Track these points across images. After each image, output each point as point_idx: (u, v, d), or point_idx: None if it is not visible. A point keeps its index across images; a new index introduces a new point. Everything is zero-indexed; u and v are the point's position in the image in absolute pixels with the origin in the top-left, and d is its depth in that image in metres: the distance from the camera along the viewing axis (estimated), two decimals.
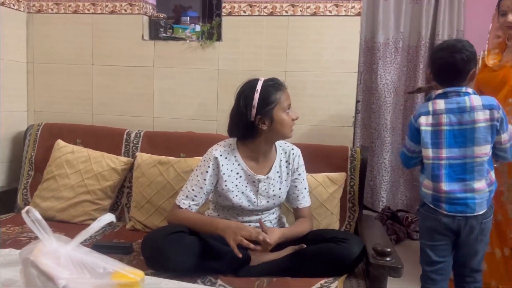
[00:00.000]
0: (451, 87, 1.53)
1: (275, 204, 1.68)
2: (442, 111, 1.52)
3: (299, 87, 2.12)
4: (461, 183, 1.51)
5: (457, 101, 1.51)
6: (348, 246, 1.50)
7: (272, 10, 2.10)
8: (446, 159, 1.51)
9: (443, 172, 1.52)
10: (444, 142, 1.52)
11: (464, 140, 1.50)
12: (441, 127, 1.52)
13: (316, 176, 1.90)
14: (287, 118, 1.57)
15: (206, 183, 1.59)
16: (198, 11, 3.84)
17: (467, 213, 1.51)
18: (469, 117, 1.49)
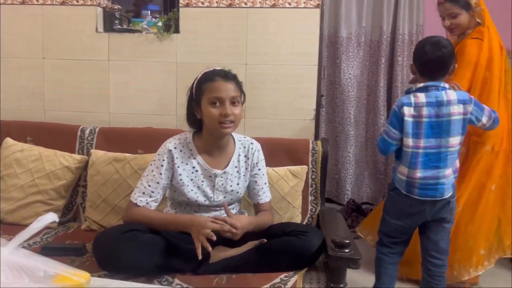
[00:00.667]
0: (432, 82, 1.64)
1: (233, 200, 1.64)
2: (423, 104, 1.63)
3: (260, 80, 2.09)
4: (435, 170, 1.63)
5: (436, 95, 1.62)
6: (308, 239, 1.49)
7: (231, 2, 2.06)
8: (423, 148, 1.63)
9: (419, 160, 1.63)
10: (423, 132, 1.63)
11: (440, 131, 1.62)
12: (422, 119, 1.63)
13: (277, 169, 1.87)
14: (212, 111, 1.47)
15: (162, 177, 1.53)
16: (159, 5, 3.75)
17: (436, 197, 1.64)
18: (446, 110, 1.61)
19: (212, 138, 1.56)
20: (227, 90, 1.48)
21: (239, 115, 1.51)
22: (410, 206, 1.68)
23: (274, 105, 2.12)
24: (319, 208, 1.95)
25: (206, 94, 1.49)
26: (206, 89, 1.49)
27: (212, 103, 1.48)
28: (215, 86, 1.48)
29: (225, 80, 1.49)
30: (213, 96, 1.47)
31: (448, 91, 1.63)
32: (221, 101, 1.47)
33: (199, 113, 1.53)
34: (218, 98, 1.47)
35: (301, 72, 2.08)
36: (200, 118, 1.54)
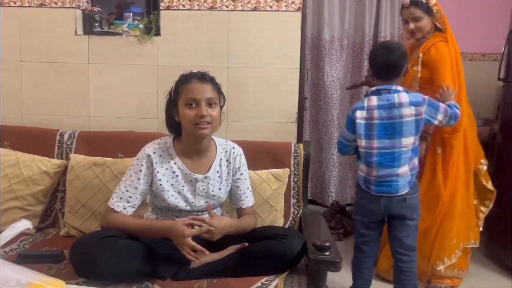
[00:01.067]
0: (383, 86, 1.71)
1: (215, 205, 1.63)
2: (374, 107, 1.70)
3: (242, 83, 2.09)
4: (390, 169, 1.70)
5: (387, 98, 1.69)
6: (289, 242, 1.49)
7: (212, 5, 2.05)
8: (377, 148, 1.70)
9: (374, 159, 1.70)
10: (375, 134, 1.70)
11: (393, 132, 1.68)
12: (373, 121, 1.70)
13: (259, 173, 1.87)
14: (188, 112, 1.46)
15: (140, 183, 1.51)
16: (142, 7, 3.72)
17: (391, 194, 1.71)
18: (398, 112, 1.67)
19: (191, 142, 1.55)
20: (203, 91, 1.47)
21: (216, 117, 1.50)
22: (369, 201, 1.75)
23: (256, 107, 2.11)
24: (301, 210, 1.95)
25: (183, 95, 1.48)
26: (183, 91, 1.48)
27: (188, 104, 1.47)
28: (191, 88, 1.47)
29: (201, 82, 1.49)
30: (189, 97, 1.46)
31: (401, 93, 1.69)
32: (197, 102, 1.46)
33: (177, 116, 1.52)
34: (193, 99, 1.46)
35: (283, 75, 2.08)
36: (179, 121, 1.52)
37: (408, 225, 1.75)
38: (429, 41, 2.12)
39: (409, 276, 1.76)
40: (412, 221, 1.76)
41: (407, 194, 1.72)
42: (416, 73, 2.12)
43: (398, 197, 1.71)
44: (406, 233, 1.76)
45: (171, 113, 1.56)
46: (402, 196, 1.71)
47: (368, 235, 1.81)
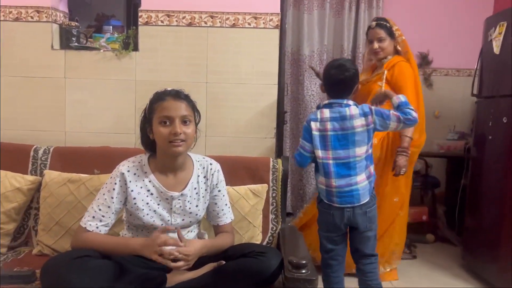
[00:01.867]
0: (335, 99, 1.77)
1: (192, 222, 1.61)
2: (327, 119, 1.75)
3: (221, 98, 2.09)
4: (347, 178, 1.73)
5: (339, 111, 1.75)
6: (266, 259, 1.48)
7: (191, 21, 2.06)
8: (333, 159, 1.74)
9: (332, 170, 1.73)
10: (330, 144, 1.74)
11: (347, 143, 1.73)
12: (327, 132, 1.75)
13: (238, 188, 1.87)
14: (162, 130, 1.45)
15: (113, 202, 1.49)
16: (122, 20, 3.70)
17: (354, 204, 1.73)
18: (349, 124, 1.73)
19: (166, 159, 1.53)
20: (177, 109, 1.47)
21: (190, 134, 1.49)
22: (333, 216, 1.76)
23: (235, 123, 2.12)
24: (279, 226, 1.95)
25: (157, 113, 1.47)
26: (157, 109, 1.47)
27: (162, 122, 1.46)
28: (165, 105, 1.46)
29: (175, 99, 1.48)
30: (163, 115, 1.46)
31: (352, 107, 1.75)
32: (171, 120, 1.46)
33: (152, 134, 1.51)
34: (167, 117, 1.45)
35: (261, 91, 2.10)
36: (153, 139, 1.51)
37: (368, 236, 1.80)
38: (392, 60, 2.31)
39: (372, 276, 1.81)
40: (372, 231, 1.81)
41: (368, 206, 1.76)
42: (379, 88, 2.25)
43: (360, 209, 1.74)
44: (366, 244, 1.80)
45: (146, 131, 1.54)
46: (363, 209, 1.75)
47: (335, 249, 1.81)
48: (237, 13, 2.05)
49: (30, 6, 2.07)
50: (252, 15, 2.05)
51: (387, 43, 2.30)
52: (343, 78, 1.74)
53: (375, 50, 2.31)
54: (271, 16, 2.05)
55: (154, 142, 1.52)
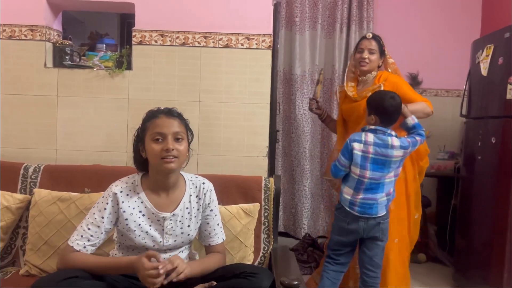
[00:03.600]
0: (381, 127, 1.97)
1: (184, 243, 1.59)
2: (371, 143, 1.95)
3: (213, 117, 2.11)
4: (373, 194, 1.95)
5: (382, 138, 1.95)
6: (257, 280, 1.46)
7: (184, 41, 2.08)
8: (368, 178, 1.94)
9: (364, 186, 1.95)
10: (369, 165, 1.94)
11: (383, 167, 1.94)
12: (369, 155, 1.94)
13: (229, 208, 1.86)
14: (154, 147, 1.45)
15: (104, 222, 1.47)
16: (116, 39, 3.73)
17: (372, 215, 1.95)
18: (390, 153, 1.93)
19: (159, 178, 1.53)
20: (169, 126, 1.47)
21: (183, 151, 1.49)
22: (348, 224, 1.97)
23: (227, 142, 2.13)
24: (271, 246, 1.94)
25: (149, 131, 1.48)
26: (150, 126, 1.48)
27: (155, 139, 1.46)
28: (158, 122, 1.47)
29: (168, 117, 1.49)
30: (156, 131, 1.46)
31: (393, 137, 1.96)
32: (164, 136, 1.46)
33: (144, 152, 1.51)
34: (160, 133, 1.46)
35: (253, 110, 2.12)
36: (146, 158, 1.51)
37: (378, 245, 2.00)
38: (382, 74, 2.29)
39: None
40: (382, 242, 2.01)
41: (382, 218, 1.98)
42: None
43: (374, 220, 1.96)
44: (376, 252, 2.00)
45: (139, 150, 1.54)
46: (377, 220, 1.96)
47: (342, 250, 2.03)
48: (230, 33, 2.08)
49: (24, 25, 2.08)
50: (245, 36, 2.08)
51: (375, 57, 2.26)
52: (394, 109, 1.96)
53: (363, 59, 2.24)
54: (263, 37, 2.09)
55: (146, 161, 1.52)
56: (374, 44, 2.26)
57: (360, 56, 2.26)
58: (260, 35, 2.09)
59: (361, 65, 2.25)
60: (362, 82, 2.32)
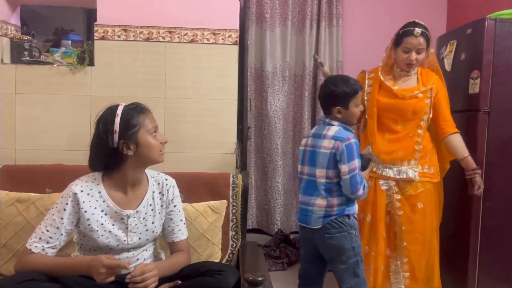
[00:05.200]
0: (323, 117, 1.80)
1: (149, 240, 1.56)
2: (310, 134, 1.81)
3: (180, 114, 2.07)
4: (308, 196, 1.76)
5: (320, 128, 1.79)
6: (223, 278, 1.45)
7: (148, 36, 2.04)
8: (306, 174, 1.78)
9: (302, 184, 1.80)
10: (307, 160, 1.78)
11: (314, 161, 1.75)
12: (307, 148, 1.80)
13: (196, 205, 1.83)
14: (154, 141, 1.49)
15: (63, 223, 1.43)
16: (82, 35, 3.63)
17: (306, 224, 1.75)
18: (320, 142, 1.75)
19: (134, 173, 1.50)
20: (155, 120, 1.53)
21: None
22: (300, 231, 1.84)
23: (194, 139, 2.10)
24: (239, 243, 1.92)
25: (145, 126, 1.46)
26: (143, 122, 1.46)
27: (153, 133, 1.49)
28: (150, 118, 1.50)
29: (149, 111, 1.53)
30: (153, 126, 1.49)
31: (332, 127, 1.74)
32: (157, 131, 1.52)
33: (132, 148, 1.44)
34: (156, 127, 1.51)
35: (221, 106, 2.09)
36: (128, 153, 1.45)
37: (340, 268, 1.71)
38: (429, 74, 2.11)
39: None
40: (343, 264, 1.70)
41: (324, 230, 1.70)
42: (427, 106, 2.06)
43: (315, 232, 1.72)
44: (341, 278, 1.72)
45: (103, 147, 1.47)
46: (319, 231, 1.71)
47: (303, 265, 1.85)
48: (195, 28, 2.05)
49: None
50: (211, 31, 2.06)
51: (423, 56, 2.03)
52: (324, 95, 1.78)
53: (411, 61, 2.00)
54: (229, 32, 2.07)
55: (115, 159, 1.46)
56: (423, 42, 1.99)
57: (408, 57, 2.00)
58: (226, 30, 2.06)
59: (409, 66, 2.04)
60: (401, 77, 2.09)
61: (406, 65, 2.04)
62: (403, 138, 2.07)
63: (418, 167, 2.05)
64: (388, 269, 2.10)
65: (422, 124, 2.07)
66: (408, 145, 2.06)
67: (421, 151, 2.06)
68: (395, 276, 2.09)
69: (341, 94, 1.73)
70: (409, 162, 2.05)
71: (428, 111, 2.06)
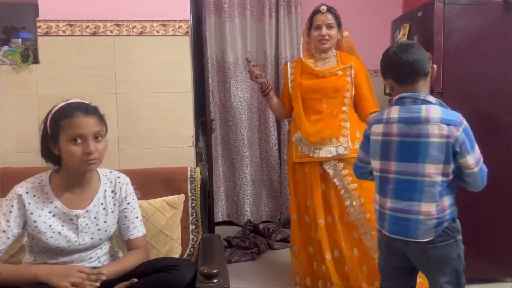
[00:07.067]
0: (410, 93, 1.38)
1: (102, 240, 1.53)
2: (395, 120, 1.38)
3: (133, 109, 2.02)
4: (407, 202, 1.36)
5: (411, 109, 1.36)
6: (178, 273, 1.44)
7: (95, 30, 1.97)
8: (394, 172, 1.37)
9: (390, 186, 1.39)
10: (394, 153, 1.37)
11: (416, 154, 1.33)
12: (392, 137, 1.38)
13: (152, 202, 1.80)
14: (74, 149, 1.37)
15: (10, 226, 1.38)
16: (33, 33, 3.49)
17: (407, 237, 1.36)
18: (423, 129, 1.33)
19: (73, 176, 1.46)
20: (89, 125, 1.39)
21: (102, 150, 1.44)
22: (382, 242, 1.45)
23: (150, 134, 2.05)
24: (200, 236, 1.90)
25: (66, 131, 1.38)
26: (66, 126, 1.38)
27: (73, 140, 1.38)
28: (76, 122, 1.38)
29: (86, 115, 1.40)
30: (75, 133, 1.37)
31: (431, 105, 1.35)
32: (84, 138, 1.38)
33: (57, 150, 1.42)
34: (80, 135, 1.38)
35: (175, 99, 2.05)
36: (59, 155, 1.42)
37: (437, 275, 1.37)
38: (347, 56, 2.17)
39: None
40: (446, 276, 1.36)
41: (431, 242, 1.34)
42: (348, 83, 2.11)
43: (419, 244, 1.34)
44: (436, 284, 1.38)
45: (48, 146, 1.44)
46: (423, 244, 1.34)
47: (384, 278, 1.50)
48: (144, 20, 1.99)
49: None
50: (160, 23, 2.01)
51: (335, 32, 2.10)
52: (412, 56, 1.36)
53: (323, 37, 2.07)
54: (180, 23, 2.02)
55: (58, 156, 1.43)
56: (330, 18, 2.08)
57: (319, 34, 2.08)
58: (176, 21, 2.02)
59: (322, 43, 2.09)
60: (321, 59, 2.17)
61: (320, 42, 2.10)
62: (328, 117, 2.11)
63: (348, 143, 2.07)
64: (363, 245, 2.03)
65: (345, 102, 2.12)
66: (333, 123, 2.10)
67: (350, 128, 2.09)
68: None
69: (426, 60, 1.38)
70: (338, 139, 2.07)
71: (350, 88, 2.13)
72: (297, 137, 2.14)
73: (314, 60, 2.19)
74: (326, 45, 2.12)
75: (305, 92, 2.15)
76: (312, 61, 2.18)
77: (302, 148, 2.12)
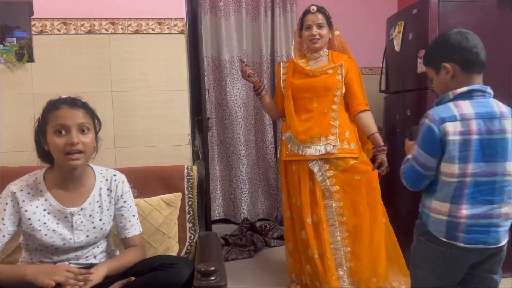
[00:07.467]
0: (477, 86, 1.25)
1: (98, 238, 1.52)
2: (471, 116, 1.22)
3: (129, 107, 2.02)
4: (487, 206, 1.23)
5: (484, 104, 1.24)
6: (175, 271, 1.44)
7: (90, 29, 1.96)
8: (471, 175, 1.23)
9: (465, 191, 1.23)
10: (473, 154, 1.22)
11: (495, 154, 1.22)
12: (472, 136, 1.22)
13: (149, 200, 1.80)
14: (57, 141, 1.36)
15: (4, 224, 1.38)
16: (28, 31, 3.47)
17: (487, 244, 1.24)
18: (502, 125, 1.22)
19: (64, 172, 1.45)
20: (73, 117, 1.38)
21: (89, 144, 1.41)
22: (449, 257, 1.26)
23: (146, 132, 2.05)
24: (197, 234, 1.90)
25: (51, 122, 1.38)
26: (51, 117, 1.39)
27: (57, 131, 1.37)
28: (60, 114, 1.38)
29: (71, 107, 1.40)
30: (58, 123, 1.37)
31: (495, 100, 1.26)
32: (67, 129, 1.37)
33: (46, 145, 1.42)
34: (63, 125, 1.37)
35: (171, 97, 2.05)
36: (48, 151, 1.42)
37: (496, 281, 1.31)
38: (339, 55, 2.17)
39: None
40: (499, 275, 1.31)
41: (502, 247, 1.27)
42: (339, 82, 2.11)
43: (495, 249, 1.25)
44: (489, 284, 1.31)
45: (41, 143, 1.44)
46: (500, 248, 1.26)
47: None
48: (139, 18, 1.99)
49: None
50: (155, 21, 2.00)
51: (326, 32, 2.12)
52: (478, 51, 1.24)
53: (314, 37, 2.09)
54: (175, 21, 2.02)
55: (43, 152, 1.44)
56: (321, 18, 2.10)
57: (310, 33, 2.10)
58: (171, 19, 2.01)
59: (313, 42, 2.11)
60: (312, 59, 2.18)
61: (311, 42, 2.12)
62: (317, 115, 2.12)
63: (337, 142, 2.07)
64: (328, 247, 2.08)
65: (336, 100, 2.12)
66: (323, 122, 2.10)
67: (339, 127, 2.09)
68: (335, 252, 2.09)
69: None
70: (326, 138, 2.08)
71: (340, 87, 2.13)
72: (287, 136, 2.16)
73: (305, 60, 2.21)
74: (317, 44, 2.13)
75: (296, 91, 2.17)
76: (304, 61, 2.20)
77: (292, 146, 2.14)
